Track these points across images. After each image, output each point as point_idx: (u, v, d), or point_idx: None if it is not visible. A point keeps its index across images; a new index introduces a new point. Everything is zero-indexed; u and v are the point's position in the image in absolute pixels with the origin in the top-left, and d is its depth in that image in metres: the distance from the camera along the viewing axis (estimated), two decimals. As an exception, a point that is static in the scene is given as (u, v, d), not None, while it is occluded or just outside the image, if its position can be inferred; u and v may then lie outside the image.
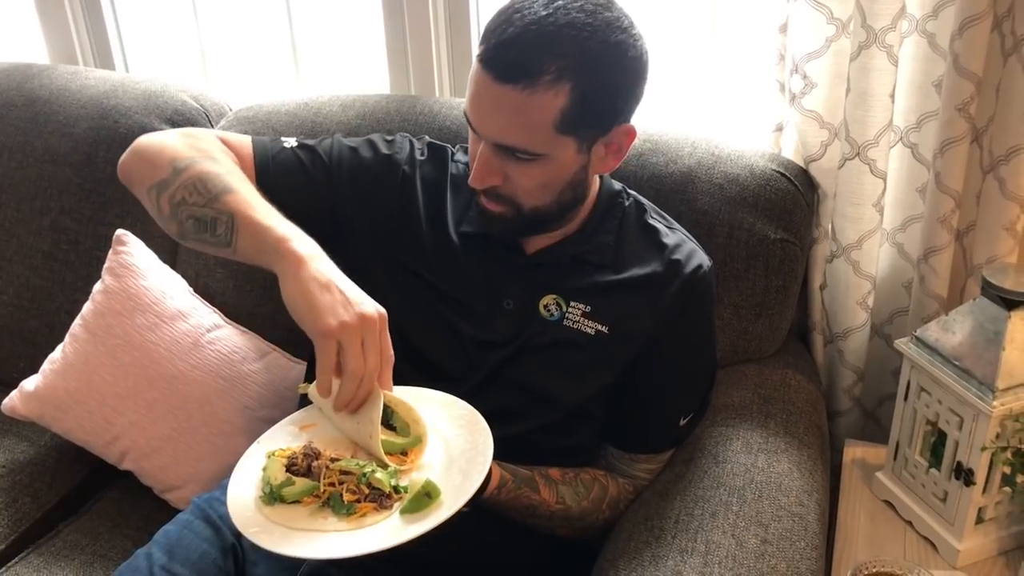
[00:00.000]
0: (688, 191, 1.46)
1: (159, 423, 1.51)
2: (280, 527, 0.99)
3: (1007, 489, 1.28)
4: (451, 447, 1.07)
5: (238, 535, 1.26)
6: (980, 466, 1.24)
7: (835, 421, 1.66)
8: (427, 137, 1.36)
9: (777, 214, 1.44)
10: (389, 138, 1.33)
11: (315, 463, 1.03)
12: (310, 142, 1.31)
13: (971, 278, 1.48)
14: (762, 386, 1.44)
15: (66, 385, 1.53)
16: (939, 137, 1.39)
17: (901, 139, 1.50)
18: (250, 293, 1.64)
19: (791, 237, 1.44)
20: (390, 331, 1.03)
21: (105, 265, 1.60)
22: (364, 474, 1.01)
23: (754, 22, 1.63)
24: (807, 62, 1.42)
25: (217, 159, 1.18)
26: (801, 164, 1.52)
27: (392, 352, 1.03)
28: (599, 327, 1.21)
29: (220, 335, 1.57)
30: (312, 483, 1.02)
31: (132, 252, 1.59)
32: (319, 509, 1.01)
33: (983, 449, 1.23)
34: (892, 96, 1.39)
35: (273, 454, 1.06)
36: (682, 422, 1.28)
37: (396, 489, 1.01)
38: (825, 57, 1.41)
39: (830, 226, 1.53)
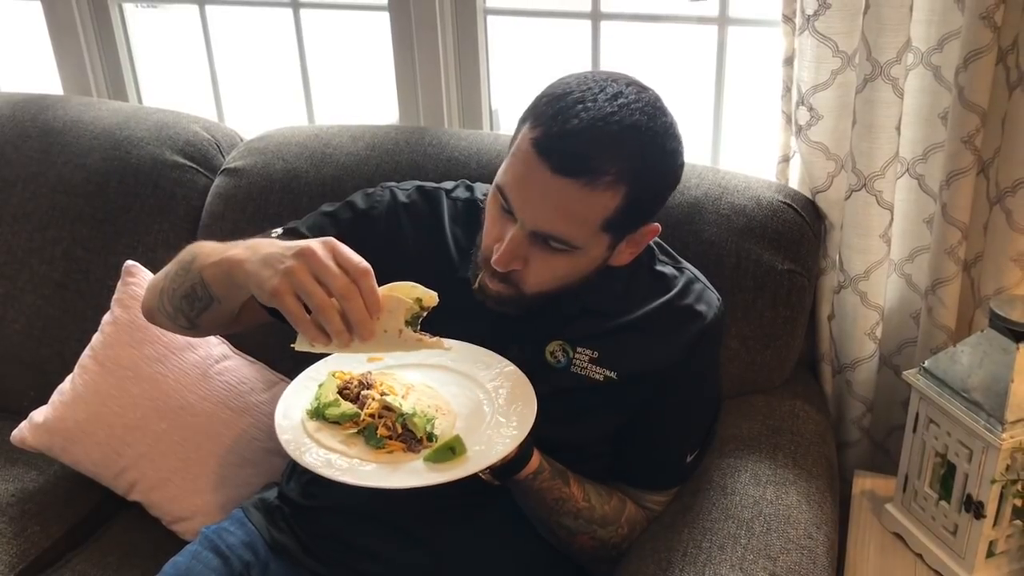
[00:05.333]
0: (695, 222, 1.47)
1: (168, 455, 1.51)
2: (309, 440, 1.05)
3: (1018, 522, 1.27)
4: (496, 415, 1.11)
5: (247, 565, 1.26)
6: (990, 499, 1.23)
7: (844, 452, 1.65)
8: (417, 182, 1.34)
9: (784, 245, 1.44)
10: (369, 191, 1.32)
11: (364, 392, 1.09)
12: (294, 224, 1.30)
13: (979, 309, 1.47)
14: (770, 417, 1.44)
15: (75, 416, 1.54)
16: (945, 169, 1.39)
17: (908, 170, 1.50)
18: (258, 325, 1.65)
19: (798, 268, 1.45)
20: None
21: (114, 296, 1.61)
22: (402, 415, 1.06)
23: (761, 55, 1.64)
24: (813, 94, 1.43)
25: (192, 246, 1.21)
26: (808, 195, 1.52)
27: (361, 262, 0.98)
28: (608, 373, 1.20)
29: (228, 366, 1.57)
30: (354, 410, 1.07)
31: (141, 283, 1.60)
32: (353, 435, 1.06)
33: (993, 482, 1.22)
34: (898, 128, 1.39)
35: (334, 374, 1.12)
36: (689, 458, 1.28)
37: (429, 437, 1.05)
38: (831, 89, 1.41)
39: (837, 257, 1.53)
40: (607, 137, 1.03)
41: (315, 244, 0.99)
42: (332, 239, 1.00)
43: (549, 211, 1.06)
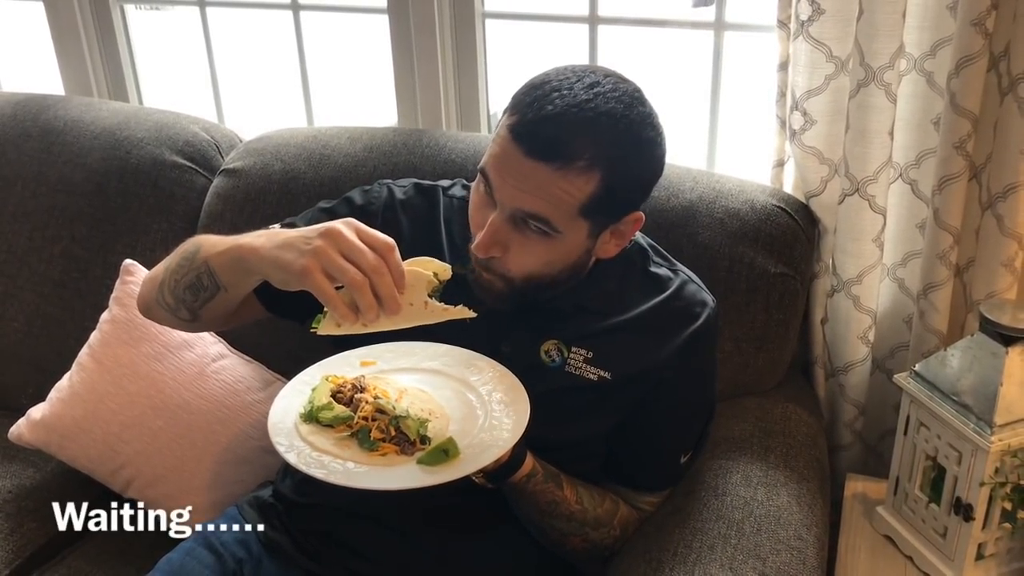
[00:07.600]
0: (689, 225, 1.48)
1: (164, 452, 1.52)
2: (303, 443, 1.05)
3: (1007, 525, 1.28)
4: (489, 418, 1.10)
5: (240, 562, 1.27)
6: (979, 501, 1.24)
7: (837, 455, 1.66)
8: (414, 180, 1.35)
9: (778, 248, 1.45)
10: (367, 188, 1.33)
11: (358, 395, 1.09)
12: (291, 220, 1.31)
13: (971, 314, 1.48)
14: (763, 419, 1.44)
15: (72, 414, 1.55)
16: (938, 174, 1.40)
17: (900, 175, 1.51)
18: (255, 323, 1.66)
19: (791, 271, 1.46)
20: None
21: (113, 295, 1.62)
22: (396, 417, 1.06)
23: (756, 60, 1.65)
24: (807, 99, 1.44)
25: (194, 239, 1.21)
26: (801, 199, 1.53)
27: (386, 238, 1.01)
28: (602, 373, 1.21)
29: (225, 365, 1.58)
30: (348, 412, 1.07)
31: (139, 282, 1.60)
32: (346, 438, 1.06)
33: (982, 484, 1.23)
34: (891, 133, 1.40)
35: (328, 378, 1.13)
36: (683, 459, 1.28)
37: (422, 439, 1.05)
38: (825, 94, 1.43)
39: (831, 261, 1.54)
40: (580, 123, 1.04)
41: (339, 224, 1.01)
42: (352, 219, 1.02)
43: (525, 192, 1.07)
